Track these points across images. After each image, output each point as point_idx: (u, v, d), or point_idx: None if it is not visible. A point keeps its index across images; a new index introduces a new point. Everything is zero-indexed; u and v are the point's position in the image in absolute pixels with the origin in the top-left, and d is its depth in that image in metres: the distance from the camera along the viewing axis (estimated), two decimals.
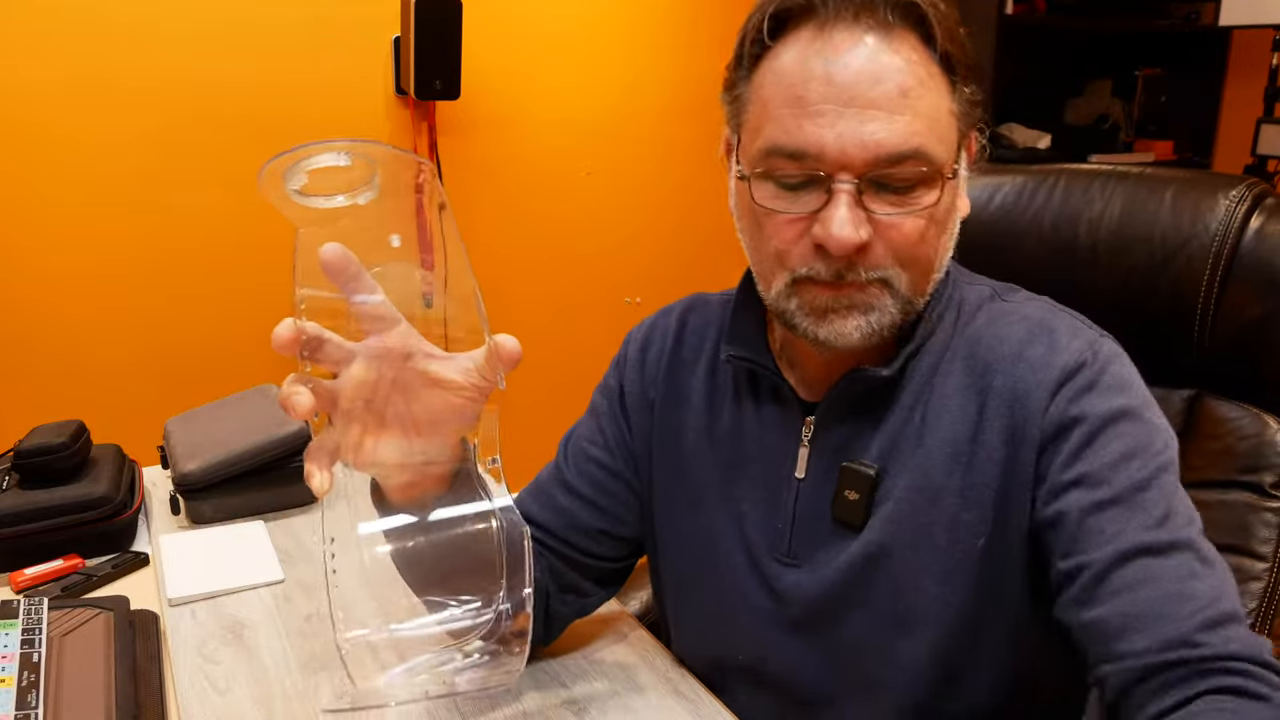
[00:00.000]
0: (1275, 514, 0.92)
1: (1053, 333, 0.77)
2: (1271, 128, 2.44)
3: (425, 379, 0.67)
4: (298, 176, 0.62)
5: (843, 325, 0.74)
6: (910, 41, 0.71)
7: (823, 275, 0.72)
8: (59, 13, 1.78)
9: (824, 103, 0.69)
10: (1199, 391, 0.97)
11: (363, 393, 0.65)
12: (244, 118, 1.95)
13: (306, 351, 0.63)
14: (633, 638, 0.96)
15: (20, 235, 1.82)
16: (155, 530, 1.18)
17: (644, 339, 0.95)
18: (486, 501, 0.69)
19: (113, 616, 0.92)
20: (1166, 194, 0.97)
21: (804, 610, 0.83)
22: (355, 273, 0.63)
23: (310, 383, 0.63)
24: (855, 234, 0.70)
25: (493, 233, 2.26)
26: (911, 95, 0.70)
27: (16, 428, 1.20)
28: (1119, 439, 0.72)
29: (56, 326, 1.88)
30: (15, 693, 0.79)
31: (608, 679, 0.89)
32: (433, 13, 1.98)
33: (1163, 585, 0.66)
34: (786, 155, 0.71)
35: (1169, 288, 0.96)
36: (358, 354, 0.65)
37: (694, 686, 0.88)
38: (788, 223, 0.73)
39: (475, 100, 2.16)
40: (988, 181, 1.08)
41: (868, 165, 0.69)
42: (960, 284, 0.83)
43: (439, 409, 0.68)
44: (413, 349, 0.67)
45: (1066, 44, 2.87)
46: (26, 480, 1.12)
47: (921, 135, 0.70)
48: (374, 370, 0.65)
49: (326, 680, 0.88)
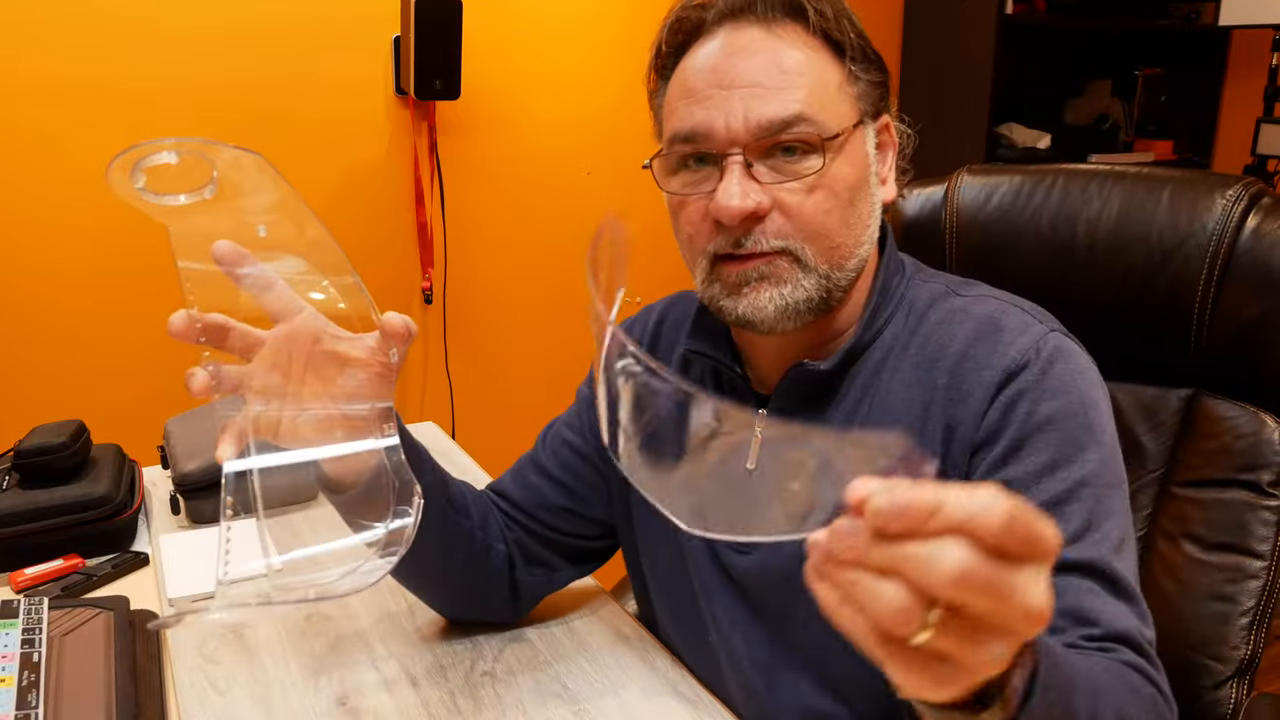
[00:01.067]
0: (1273, 512, 0.93)
1: (999, 331, 0.78)
2: (1271, 128, 2.44)
3: (334, 358, 0.71)
4: (138, 175, 0.64)
5: (756, 298, 0.77)
6: (792, 29, 0.77)
7: (725, 248, 0.77)
8: (58, 13, 1.78)
9: (710, 89, 0.76)
10: (1196, 390, 0.98)
11: (276, 374, 0.70)
12: (244, 118, 1.95)
13: (206, 338, 0.67)
14: (633, 638, 0.96)
15: (20, 235, 1.82)
16: (155, 530, 1.18)
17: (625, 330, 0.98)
18: (373, 441, 0.72)
19: (113, 616, 0.92)
20: (1164, 194, 0.97)
21: (758, 596, 0.86)
22: (249, 261, 0.67)
23: (212, 367, 0.67)
24: (743, 201, 0.74)
25: (492, 232, 2.26)
26: (791, 71, 0.75)
27: (16, 428, 1.20)
28: (1046, 449, 0.73)
29: (56, 326, 1.87)
30: (15, 693, 0.79)
31: (608, 679, 0.89)
32: (433, 13, 1.98)
33: (1064, 600, 0.68)
34: (682, 139, 0.77)
35: (1166, 287, 0.96)
36: (266, 340, 0.70)
37: (694, 686, 0.88)
38: (694, 206, 0.78)
39: (475, 100, 2.16)
40: (985, 181, 1.08)
41: (753, 136, 0.74)
42: (915, 281, 0.85)
43: (351, 385, 0.72)
44: (319, 332, 0.71)
45: (1066, 44, 2.87)
46: (26, 480, 1.12)
47: (801, 103, 0.74)
48: (284, 354, 0.70)
49: (327, 681, 0.88)
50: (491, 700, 0.86)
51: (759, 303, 0.77)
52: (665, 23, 0.82)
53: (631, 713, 0.84)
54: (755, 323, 0.78)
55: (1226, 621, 0.92)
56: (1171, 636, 0.91)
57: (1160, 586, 0.96)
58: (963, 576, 0.37)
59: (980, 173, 1.09)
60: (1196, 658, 0.93)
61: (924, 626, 0.39)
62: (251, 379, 0.69)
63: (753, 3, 0.77)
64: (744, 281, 0.77)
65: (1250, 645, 0.92)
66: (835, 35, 0.78)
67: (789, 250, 0.76)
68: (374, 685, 0.87)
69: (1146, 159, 2.76)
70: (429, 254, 2.19)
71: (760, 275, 0.76)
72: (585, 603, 1.02)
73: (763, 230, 0.76)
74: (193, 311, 0.65)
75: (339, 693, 0.86)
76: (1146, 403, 0.99)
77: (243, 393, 0.69)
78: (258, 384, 0.70)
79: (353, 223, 2.11)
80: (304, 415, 0.71)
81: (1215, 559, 0.94)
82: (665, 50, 0.82)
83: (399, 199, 2.15)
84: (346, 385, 0.72)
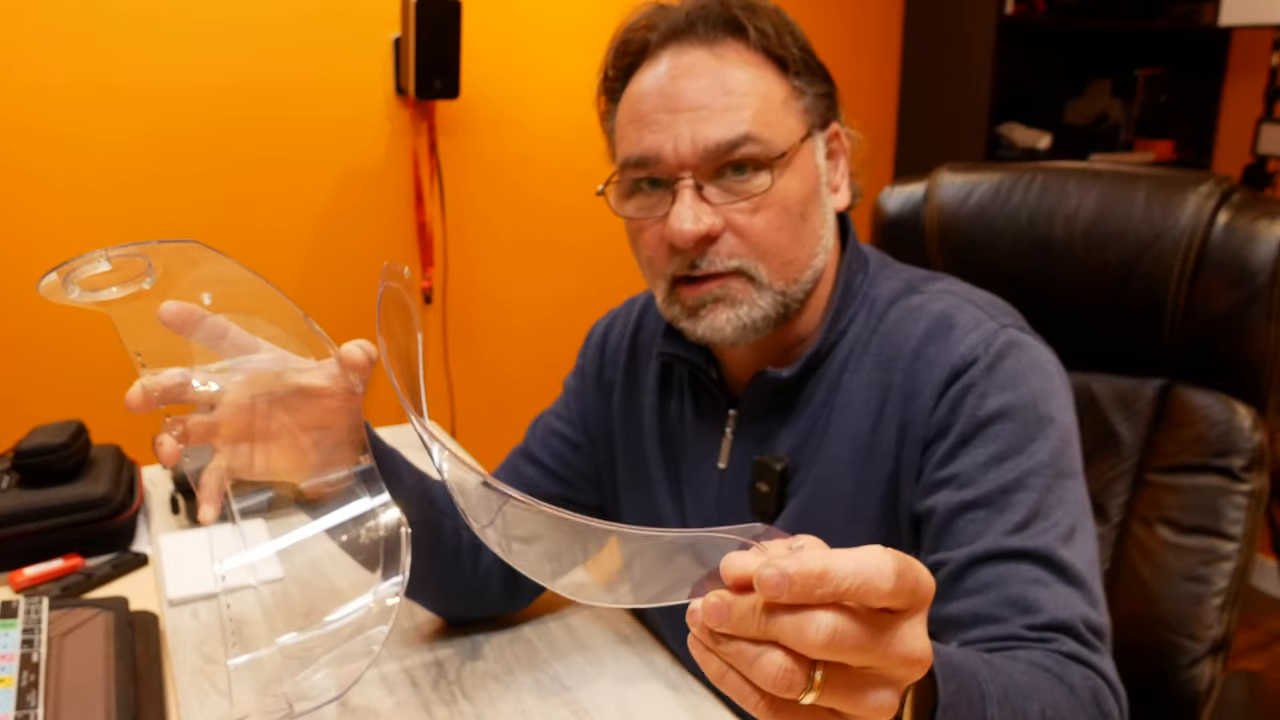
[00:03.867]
0: (1244, 496, 0.95)
1: (951, 329, 0.80)
2: (1271, 128, 2.44)
3: (299, 391, 0.70)
4: (71, 288, 0.64)
5: (714, 319, 0.79)
6: (734, 49, 0.78)
7: (682, 270, 0.78)
8: (58, 13, 1.78)
9: (658, 113, 0.77)
10: (1171, 381, 1.00)
11: (241, 416, 0.69)
12: (244, 118, 1.95)
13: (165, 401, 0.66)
14: (633, 638, 0.96)
15: (20, 235, 1.82)
16: (155, 530, 1.18)
17: (606, 327, 1.03)
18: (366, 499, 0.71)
19: (113, 616, 0.92)
20: (1139, 191, 1.00)
21: None
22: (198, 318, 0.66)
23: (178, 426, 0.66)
24: (695, 224, 0.75)
25: (492, 232, 2.26)
26: (735, 91, 0.76)
27: (16, 428, 1.20)
28: (995, 441, 0.75)
29: (56, 326, 1.87)
30: (15, 693, 0.79)
31: (608, 679, 0.89)
32: (433, 13, 1.98)
33: (1008, 589, 0.70)
34: (634, 164, 0.79)
35: (1141, 281, 0.99)
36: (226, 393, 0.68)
37: (693, 685, 0.88)
38: (651, 230, 0.80)
39: (475, 100, 2.16)
40: (965, 179, 1.11)
41: (702, 159, 0.76)
42: (879, 277, 0.87)
43: (319, 414, 0.71)
44: (279, 366, 0.70)
45: (1066, 44, 2.87)
46: (26, 480, 1.12)
47: (747, 123, 0.76)
48: (246, 393, 0.69)
49: None
50: (491, 699, 0.86)
51: (716, 324, 0.79)
52: (611, 46, 0.83)
53: (631, 712, 0.84)
54: (715, 342, 0.81)
55: (1200, 602, 0.95)
56: (1147, 618, 0.96)
57: (1137, 570, 0.98)
58: (834, 641, 0.39)
59: (960, 170, 1.11)
60: (1172, 637, 0.96)
61: (808, 688, 0.40)
62: (219, 425, 0.68)
63: (694, 24, 0.79)
64: (700, 305, 0.79)
65: (1223, 624, 0.95)
66: (777, 51, 0.79)
67: (743, 270, 0.78)
68: (374, 685, 0.87)
69: (1147, 159, 2.76)
70: (429, 254, 2.19)
71: (715, 298, 0.79)
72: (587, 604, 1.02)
73: (716, 251, 0.77)
74: (145, 382, 0.64)
75: None
76: (1122, 393, 1.02)
77: (212, 440, 0.68)
78: (226, 429, 0.69)
79: (352, 222, 2.11)
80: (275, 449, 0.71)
81: (1189, 542, 0.96)
82: (613, 74, 0.84)
83: (399, 199, 2.15)
84: (314, 414, 0.71)
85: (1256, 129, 2.46)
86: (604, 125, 0.86)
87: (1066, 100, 2.90)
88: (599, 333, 1.03)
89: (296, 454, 0.71)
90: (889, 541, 0.78)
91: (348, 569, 0.74)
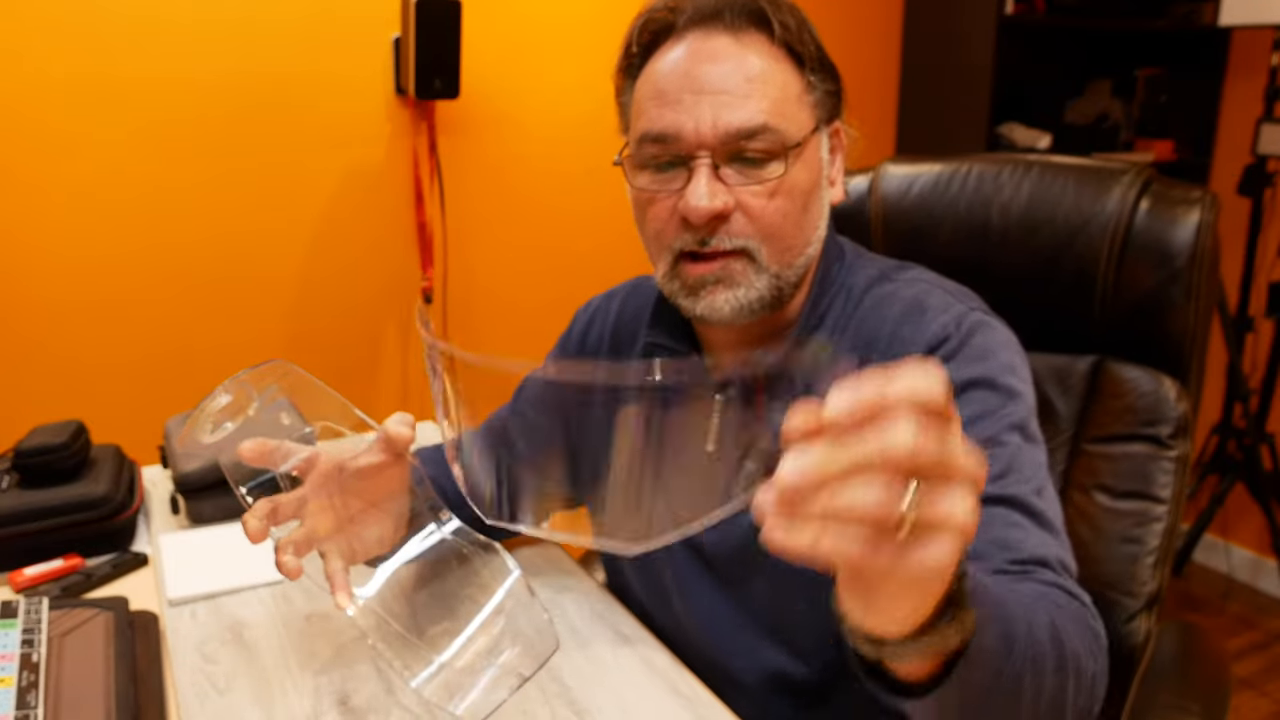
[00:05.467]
0: (1172, 462, 1.04)
1: (924, 311, 0.85)
2: (1271, 128, 2.44)
3: (360, 474, 0.81)
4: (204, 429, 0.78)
5: (714, 299, 0.82)
6: (757, 39, 0.82)
7: (690, 245, 0.82)
8: (57, 12, 1.78)
9: (682, 93, 0.80)
10: (1102, 357, 1.09)
11: (326, 518, 0.80)
12: (243, 117, 1.95)
13: (274, 523, 0.79)
14: (633, 637, 0.96)
15: (20, 234, 1.82)
16: (155, 530, 1.18)
17: (587, 320, 1.08)
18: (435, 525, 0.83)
19: (113, 616, 0.92)
20: (1068, 181, 1.08)
21: (720, 567, 0.92)
22: (272, 450, 0.79)
23: (270, 508, 0.78)
24: (711, 202, 0.79)
25: (492, 232, 2.26)
26: (757, 80, 0.80)
27: (16, 428, 1.20)
28: (971, 404, 0.80)
29: (56, 326, 1.87)
30: (15, 693, 0.79)
31: (608, 679, 0.89)
32: (433, 13, 1.98)
33: (990, 531, 0.74)
34: (653, 140, 0.82)
35: (1073, 264, 1.07)
36: (308, 494, 0.80)
37: (694, 686, 0.88)
38: (662, 204, 0.83)
39: (475, 100, 2.15)
40: (907, 171, 1.19)
41: (721, 141, 0.79)
42: (854, 266, 0.91)
43: (382, 485, 0.82)
44: (340, 464, 0.81)
45: (1066, 44, 2.87)
46: (26, 480, 1.12)
47: (767, 113, 0.79)
48: (324, 494, 0.80)
49: (327, 681, 0.88)
50: None
51: (716, 303, 0.83)
52: (636, 23, 0.86)
53: (631, 712, 0.84)
54: (712, 322, 0.84)
55: (1135, 561, 1.04)
56: (1088, 578, 1.00)
57: (1077, 533, 1.06)
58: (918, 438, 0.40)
59: (903, 162, 1.20)
60: (1111, 595, 1.04)
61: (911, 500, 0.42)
62: (316, 531, 0.80)
63: (720, 11, 0.82)
64: (701, 285, 0.83)
65: (1156, 580, 1.04)
66: (797, 47, 0.83)
67: (747, 250, 0.81)
68: (375, 685, 0.87)
69: (1147, 159, 2.76)
70: (429, 253, 2.19)
71: (717, 279, 0.82)
72: (586, 603, 1.02)
73: (727, 229, 0.81)
74: (256, 518, 0.76)
75: (339, 693, 0.86)
76: (1058, 369, 1.10)
77: (315, 545, 0.80)
78: (321, 531, 0.80)
79: (352, 222, 2.11)
80: (365, 529, 0.82)
81: (1123, 506, 1.05)
82: (635, 49, 0.86)
83: (399, 198, 2.15)
84: (379, 487, 0.82)
85: (1256, 129, 2.46)
86: (619, 100, 0.90)
87: (1066, 100, 2.90)
88: (580, 328, 1.08)
89: (380, 526, 0.83)
90: None
91: (449, 580, 0.83)
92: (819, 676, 0.89)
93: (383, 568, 0.82)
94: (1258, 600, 2.71)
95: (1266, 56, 2.48)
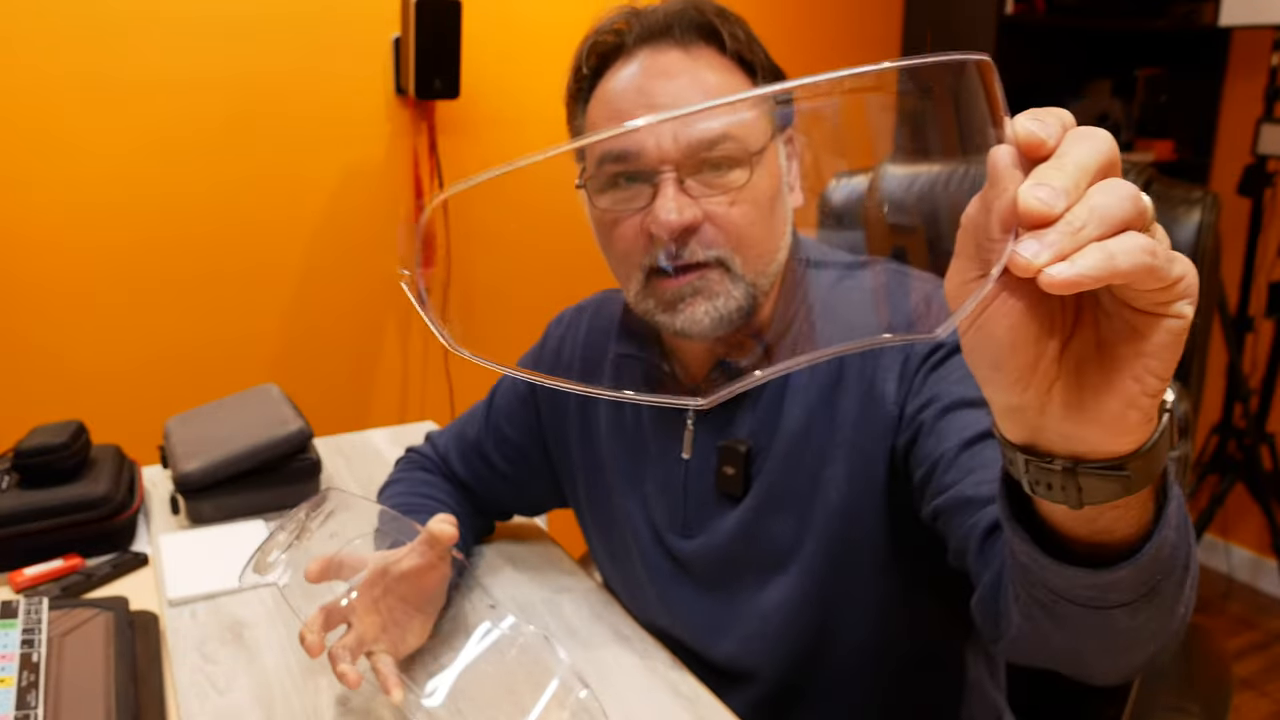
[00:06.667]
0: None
1: None
2: (1271, 128, 2.43)
3: (403, 578, 0.85)
4: (272, 562, 0.83)
5: (693, 312, 0.82)
6: (708, 52, 0.82)
7: (661, 260, 0.81)
8: (57, 9, 1.78)
9: (636, 109, 0.81)
10: None
11: (374, 620, 0.83)
12: (244, 117, 1.95)
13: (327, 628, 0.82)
14: (633, 637, 0.96)
15: (20, 235, 1.82)
16: (155, 530, 1.17)
17: (560, 336, 1.09)
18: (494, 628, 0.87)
19: (113, 616, 0.92)
20: None
21: (702, 574, 0.93)
22: (333, 567, 0.83)
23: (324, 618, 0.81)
24: (680, 215, 0.78)
25: (492, 233, 2.26)
26: (713, 91, 0.81)
27: (16, 428, 1.20)
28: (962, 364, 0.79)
29: (56, 326, 1.87)
30: (15, 693, 0.79)
31: (608, 679, 0.89)
32: (433, 13, 1.98)
33: None
34: (614, 159, 0.81)
35: None
36: (355, 600, 0.84)
37: (694, 686, 0.88)
38: (628, 223, 0.82)
39: (475, 100, 2.15)
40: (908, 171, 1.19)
41: (684, 155, 0.78)
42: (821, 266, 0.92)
43: (423, 588, 0.86)
44: (385, 568, 0.84)
45: (1066, 44, 2.87)
46: (26, 480, 1.12)
47: (726, 123, 0.79)
48: (371, 602, 0.84)
49: (327, 681, 0.88)
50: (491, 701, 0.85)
51: (695, 316, 0.82)
52: (582, 47, 0.87)
53: (631, 712, 0.84)
54: (693, 335, 0.83)
55: None
56: None
57: None
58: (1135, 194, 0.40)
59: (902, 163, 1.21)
60: None
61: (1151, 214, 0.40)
62: (355, 622, 0.83)
63: (670, 27, 0.82)
64: (679, 298, 0.82)
65: None
66: (748, 56, 0.83)
67: (721, 260, 0.81)
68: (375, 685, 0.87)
69: (1147, 159, 2.76)
70: (429, 254, 2.19)
71: (694, 291, 0.81)
72: (585, 603, 1.02)
73: (698, 240, 0.80)
74: (312, 632, 0.80)
75: (339, 693, 0.86)
76: None
77: (349, 622, 0.83)
78: (369, 634, 0.83)
79: (352, 222, 2.11)
80: (408, 629, 0.86)
81: None
82: (585, 72, 0.86)
83: (399, 198, 2.15)
84: (420, 588, 0.86)
85: (1256, 129, 2.46)
86: (570, 124, 0.90)
87: (1066, 100, 2.90)
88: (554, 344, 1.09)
89: (422, 626, 0.87)
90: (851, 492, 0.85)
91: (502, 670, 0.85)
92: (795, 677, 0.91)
93: (446, 674, 0.85)
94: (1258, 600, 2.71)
95: (1266, 56, 2.48)
